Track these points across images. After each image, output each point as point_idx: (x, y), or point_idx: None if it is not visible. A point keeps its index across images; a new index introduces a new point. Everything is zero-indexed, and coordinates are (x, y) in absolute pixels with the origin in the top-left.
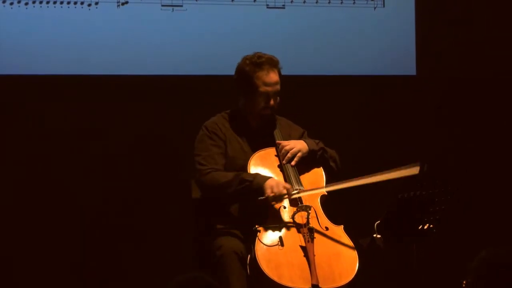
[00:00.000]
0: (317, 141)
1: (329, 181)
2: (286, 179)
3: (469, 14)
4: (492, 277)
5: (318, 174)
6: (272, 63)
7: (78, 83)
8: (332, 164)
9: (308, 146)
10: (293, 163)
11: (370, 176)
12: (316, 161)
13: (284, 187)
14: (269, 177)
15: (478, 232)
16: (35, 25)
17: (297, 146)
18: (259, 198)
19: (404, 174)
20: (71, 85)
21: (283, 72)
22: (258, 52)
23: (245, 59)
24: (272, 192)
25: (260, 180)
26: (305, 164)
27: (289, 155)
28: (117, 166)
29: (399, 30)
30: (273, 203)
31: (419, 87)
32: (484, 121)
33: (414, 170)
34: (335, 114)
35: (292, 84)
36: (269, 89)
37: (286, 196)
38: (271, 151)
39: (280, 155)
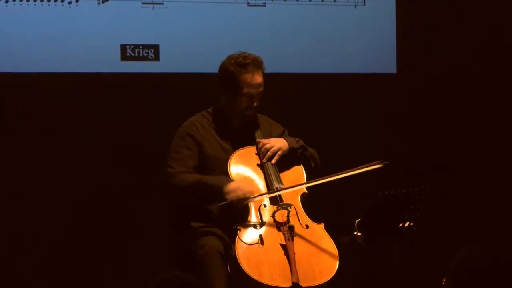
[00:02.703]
0: (297, 139)
1: (308, 179)
2: (267, 177)
3: (449, 13)
4: (469, 276)
5: (298, 172)
6: (257, 64)
7: (58, 81)
8: (311, 162)
9: (288, 144)
10: (273, 161)
11: (341, 173)
12: (296, 159)
13: (244, 191)
14: (231, 180)
15: (459, 229)
16: (14, 22)
17: (277, 144)
18: (220, 204)
19: (369, 169)
20: (51, 83)
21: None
22: (243, 52)
23: (230, 58)
24: (231, 198)
25: (222, 184)
26: (286, 162)
27: (269, 153)
28: (98, 166)
29: (379, 28)
30: (237, 206)
31: (399, 85)
32: (465, 118)
33: (377, 166)
34: (316, 112)
35: (273, 82)
36: (253, 90)
37: (249, 200)
38: (252, 149)
39: (260, 153)
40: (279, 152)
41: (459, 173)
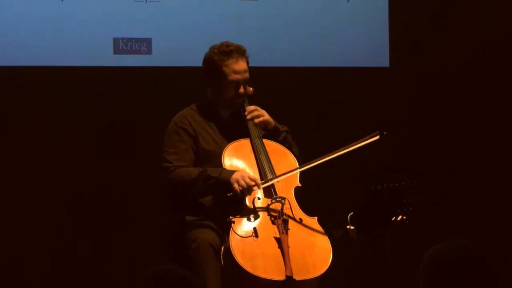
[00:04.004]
0: (282, 125)
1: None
2: (260, 169)
3: (442, 7)
4: (439, 277)
5: (292, 165)
6: (240, 51)
7: (50, 75)
8: (293, 148)
9: (273, 123)
10: (256, 121)
11: (337, 152)
12: (279, 142)
13: (251, 178)
14: (235, 171)
15: (456, 227)
16: (5, 16)
17: (265, 113)
18: (228, 195)
19: (367, 142)
20: (43, 77)
21: (256, 64)
22: (225, 41)
23: (213, 48)
24: (240, 186)
25: (226, 175)
26: (278, 154)
27: (255, 112)
28: (90, 159)
29: (372, 22)
30: (244, 196)
31: (392, 79)
32: (456, 114)
33: (374, 138)
34: (308, 106)
35: (265, 76)
36: (238, 77)
37: (255, 187)
38: (245, 142)
39: (247, 113)
40: (263, 118)
41: (452, 167)
